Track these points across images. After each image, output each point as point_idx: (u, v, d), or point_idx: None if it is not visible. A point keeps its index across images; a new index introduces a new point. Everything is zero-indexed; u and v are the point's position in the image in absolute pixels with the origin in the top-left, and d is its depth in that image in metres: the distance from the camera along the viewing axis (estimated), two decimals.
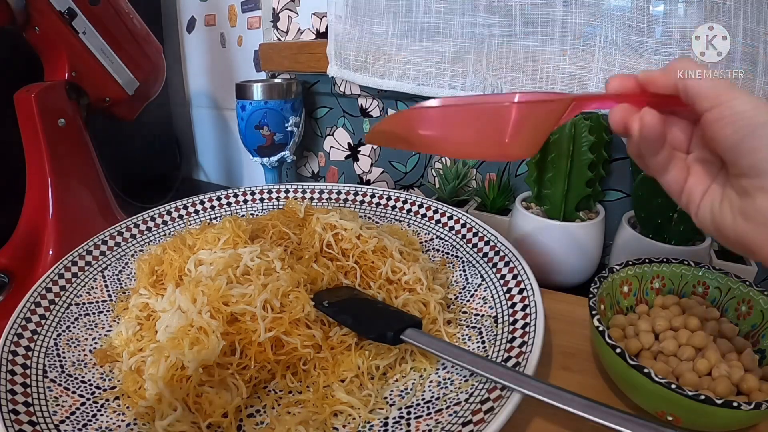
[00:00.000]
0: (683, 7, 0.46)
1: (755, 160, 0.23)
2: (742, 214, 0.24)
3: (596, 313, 0.33)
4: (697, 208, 0.27)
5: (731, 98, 0.24)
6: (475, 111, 0.28)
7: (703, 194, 0.27)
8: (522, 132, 0.26)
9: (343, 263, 0.43)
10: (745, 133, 0.23)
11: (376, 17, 0.65)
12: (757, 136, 0.22)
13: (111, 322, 0.43)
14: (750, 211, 0.23)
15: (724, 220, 0.25)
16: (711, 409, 0.27)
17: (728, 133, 0.24)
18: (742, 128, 0.23)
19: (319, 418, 0.32)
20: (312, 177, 0.89)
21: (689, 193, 0.28)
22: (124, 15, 0.61)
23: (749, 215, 0.24)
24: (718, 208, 0.26)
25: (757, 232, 0.23)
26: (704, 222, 0.27)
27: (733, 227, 0.25)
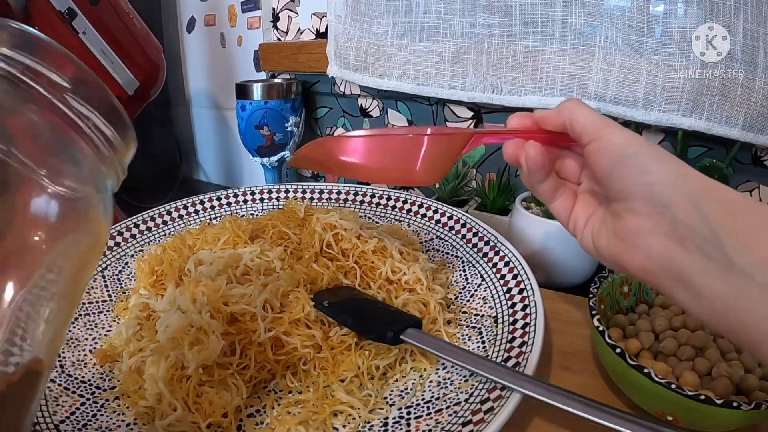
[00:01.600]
0: (683, 7, 0.46)
1: (623, 186, 0.26)
2: (615, 234, 0.27)
3: (596, 313, 0.33)
4: (582, 232, 0.30)
5: (608, 133, 0.27)
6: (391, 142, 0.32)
7: (587, 221, 0.30)
8: (430, 160, 0.30)
9: (343, 263, 0.43)
10: (616, 162, 0.26)
11: (376, 17, 0.65)
12: (625, 164, 0.26)
13: (111, 322, 0.43)
14: (620, 230, 0.27)
15: (601, 242, 0.28)
16: (711, 409, 0.27)
17: (603, 162, 0.27)
18: (614, 158, 0.26)
19: (319, 418, 0.32)
20: (312, 177, 0.89)
21: (575, 219, 0.31)
22: (124, 15, 0.61)
23: (620, 234, 0.27)
24: (597, 232, 0.29)
25: (624, 249, 0.27)
26: (587, 245, 0.30)
27: (607, 247, 0.28)
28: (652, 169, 0.25)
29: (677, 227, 0.24)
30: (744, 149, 0.50)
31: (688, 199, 0.24)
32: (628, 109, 0.51)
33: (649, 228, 0.25)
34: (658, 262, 0.25)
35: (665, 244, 0.24)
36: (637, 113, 0.50)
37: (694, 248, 0.23)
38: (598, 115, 0.28)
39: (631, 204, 0.26)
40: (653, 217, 0.25)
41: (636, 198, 0.25)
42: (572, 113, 0.29)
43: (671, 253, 0.24)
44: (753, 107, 0.46)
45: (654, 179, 0.25)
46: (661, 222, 0.24)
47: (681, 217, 0.24)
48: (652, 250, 0.25)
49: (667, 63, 0.48)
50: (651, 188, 0.25)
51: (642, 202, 0.25)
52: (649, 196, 0.25)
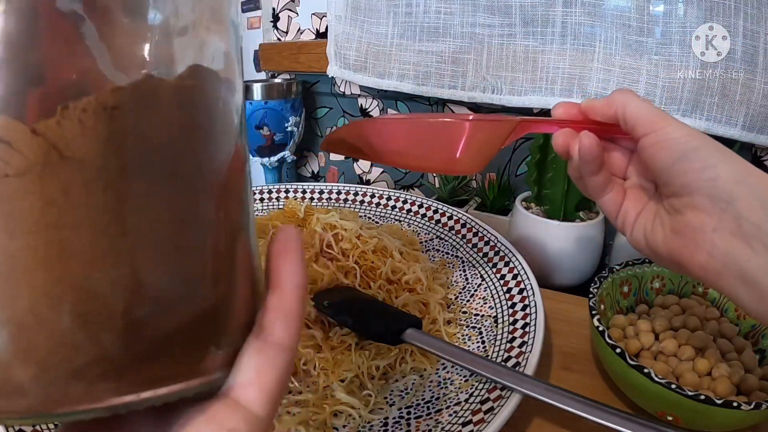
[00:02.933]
0: (683, 7, 0.46)
1: (686, 180, 0.25)
2: (673, 230, 0.27)
3: (596, 313, 0.33)
4: (632, 228, 0.30)
5: (666, 125, 0.26)
6: (431, 126, 0.29)
7: (637, 215, 0.29)
8: (472, 148, 0.28)
9: (343, 263, 0.43)
10: (678, 156, 0.26)
11: (376, 17, 0.65)
12: (687, 159, 0.25)
13: None
14: (680, 226, 0.26)
15: (656, 238, 0.28)
16: (711, 409, 0.27)
17: (663, 156, 0.26)
18: (675, 152, 0.26)
19: (319, 418, 0.32)
20: (312, 177, 0.89)
21: (624, 214, 0.30)
22: None
23: (679, 231, 0.26)
24: (650, 228, 0.28)
25: (685, 246, 0.26)
26: (638, 241, 0.29)
27: (664, 243, 0.27)
28: (715, 164, 0.24)
29: (742, 224, 0.23)
30: (744, 149, 0.50)
31: (754, 196, 0.23)
32: None
33: (713, 225, 0.24)
34: (722, 261, 0.24)
35: (729, 242, 0.24)
36: None
37: (760, 247, 0.23)
38: (652, 107, 0.27)
39: (692, 199, 0.25)
40: (716, 213, 0.24)
41: (699, 193, 0.25)
42: (625, 103, 0.28)
43: (736, 251, 0.23)
44: (753, 107, 0.46)
45: (717, 174, 0.24)
46: (724, 219, 0.24)
47: (746, 214, 0.23)
48: (716, 248, 0.24)
49: (667, 63, 0.48)
50: (715, 183, 0.24)
51: (705, 198, 0.25)
52: (712, 192, 0.24)
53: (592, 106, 0.30)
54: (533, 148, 0.52)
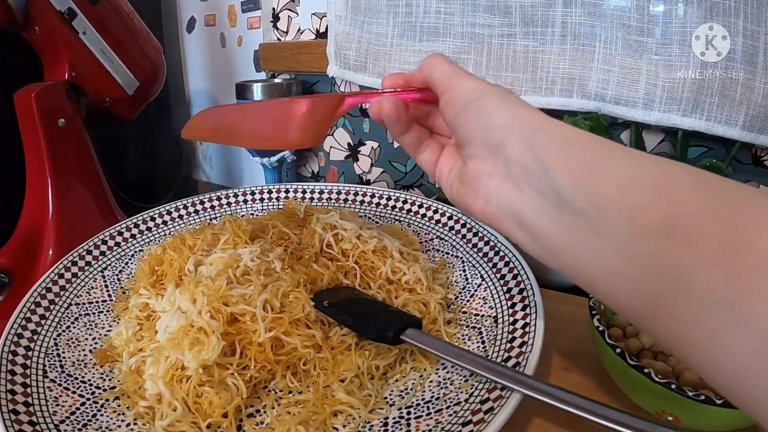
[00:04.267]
0: (683, 7, 0.46)
1: (465, 132, 0.27)
2: (460, 180, 0.29)
3: (596, 313, 0.33)
4: (444, 182, 0.31)
5: (457, 84, 0.28)
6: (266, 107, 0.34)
7: (449, 171, 0.31)
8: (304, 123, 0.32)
9: (343, 263, 0.43)
10: (459, 110, 0.27)
11: (376, 17, 0.65)
12: (467, 111, 0.27)
13: (111, 322, 0.43)
14: (464, 176, 0.28)
15: (454, 189, 0.30)
16: (711, 409, 0.27)
17: (449, 110, 0.28)
18: (458, 105, 0.27)
19: (319, 418, 0.32)
20: (312, 177, 0.89)
21: (440, 170, 0.32)
22: (124, 15, 0.61)
23: (463, 179, 0.28)
24: (453, 179, 0.30)
25: (468, 193, 0.28)
26: (447, 193, 0.31)
27: (457, 192, 0.29)
28: (490, 113, 0.26)
29: (511, 168, 0.24)
30: (744, 149, 0.50)
31: (522, 140, 0.24)
32: (628, 109, 0.51)
33: (486, 171, 0.26)
34: (496, 204, 0.26)
35: (500, 186, 0.25)
36: (637, 113, 0.50)
37: (527, 187, 0.24)
38: (453, 68, 0.29)
39: (471, 149, 0.27)
40: (489, 160, 0.26)
41: (475, 143, 0.26)
42: (431, 68, 0.29)
43: (506, 193, 0.25)
44: (753, 107, 0.46)
45: (490, 123, 0.25)
46: (496, 164, 0.25)
47: (514, 157, 0.24)
48: (490, 193, 0.26)
49: (667, 63, 0.48)
50: (486, 132, 0.25)
51: (480, 147, 0.26)
52: (485, 140, 0.26)
53: (412, 74, 0.32)
54: None
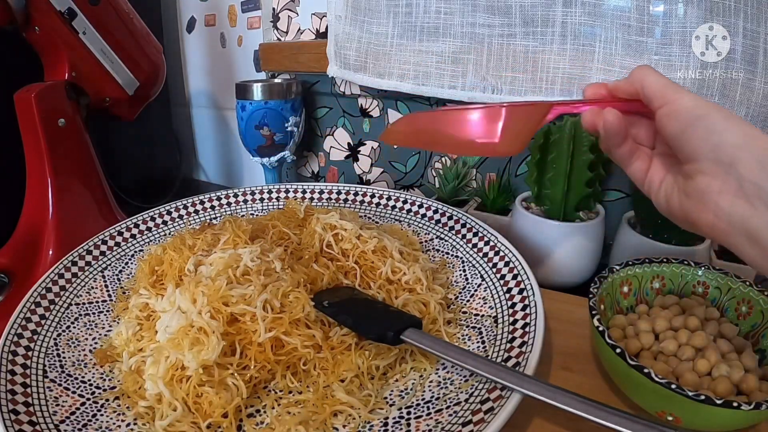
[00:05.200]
0: (683, 7, 0.46)
1: (692, 147, 0.27)
2: (685, 194, 0.29)
3: (596, 313, 0.33)
4: (656, 192, 0.32)
5: (677, 97, 0.28)
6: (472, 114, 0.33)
7: (661, 182, 0.32)
8: (510, 131, 0.31)
9: (343, 263, 0.43)
10: (686, 125, 0.27)
11: (376, 17, 0.65)
12: (693, 126, 0.27)
13: (111, 322, 0.43)
14: (690, 190, 0.28)
15: (673, 201, 0.30)
16: (711, 409, 0.27)
17: (673, 125, 0.28)
18: (683, 121, 0.28)
19: (319, 418, 0.32)
20: (312, 177, 0.89)
21: (650, 181, 0.32)
22: (124, 15, 0.61)
23: (690, 194, 0.28)
24: (670, 191, 0.30)
25: (695, 208, 0.28)
26: (660, 204, 0.32)
27: (679, 205, 0.30)
28: (719, 130, 0.26)
29: (743, 185, 0.25)
30: None
31: (754, 159, 0.25)
32: None
33: (717, 187, 0.26)
34: (727, 220, 0.26)
35: (732, 202, 0.26)
36: None
37: (761, 204, 0.24)
38: (667, 80, 0.29)
39: (699, 165, 0.27)
40: (720, 176, 0.26)
41: (704, 159, 0.27)
42: (643, 79, 0.30)
43: (739, 210, 0.25)
44: (753, 107, 0.46)
45: (721, 140, 0.26)
46: (728, 181, 0.26)
47: (747, 175, 0.25)
48: (720, 209, 0.26)
49: (667, 63, 0.48)
50: (718, 149, 0.26)
51: (709, 162, 0.26)
52: (716, 156, 0.26)
53: (616, 84, 0.32)
54: (533, 148, 0.52)
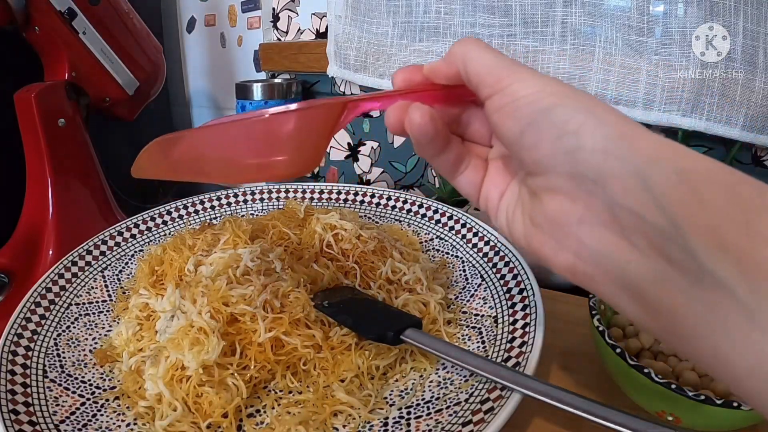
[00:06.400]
0: (683, 7, 0.46)
1: (538, 156, 0.19)
2: (531, 220, 0.21)
3: (596, 313, 0.33)
4: (496, 212, 0.24)
5: (513, 81, 0.20)
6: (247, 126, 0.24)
7: (501, 196, 0.23)
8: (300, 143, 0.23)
9: (343, 263, 0.43)
10: (525, 123, 0.19)
11: (376, 17, 0.65)
12: (537, 125, 0.19)
13: (111, 322, 0.43)
14: (538, 216, 0.20)
15: (515, 226, 0.22)
16: (711, 409, 0.27)
17: (508, 123, 0.20)
18: (523, 117, 0.19)
19: (319, 418, 0.32)
20: (312, 177, 0.89)
21: (486, 196, 0.24)
22: (124, 15, 0.61)
23: (537, 221, 0.20)
24: (512, 212, 0.22)
25: (545, 240, 0.20)
26: (503, 230, 0.23)
27: (523, 234, 0.21)
28: (575, 129, 0.18)
29: (618, 214, 0.17)
30: (744, 149, 0.50)
31: (631, 171, 0.16)
32: (628, 109, 0.51)
33: (578, 215, 0.18)
34: (594, 262, 0.18)
35: (601, 237, 0.18)
36: (637, 113, 0.50)
37: (645, 245, 0.16)
38: (499, 58, 0.20)
39: (549, 180, 0.19)
40: (582, 198, 0.18)
41: (555, 172, 0.18)
42: (465, 58, 0.21)
43: (611, 249, 0.17)
44: (753, 107, 0.46)
45: (579, 143, 0.17)
46: (592, 205, 0.18)
47: (622, 199, 0.17)
48: (583, 246, 0.18)
49: (667, 63, 0.48)
50: (575, 157, 0.18)
51: (564, 178, 0.18)
52: (573, 169, 0.18)
53: (435, 67, 0.23)
54: None
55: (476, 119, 0.25)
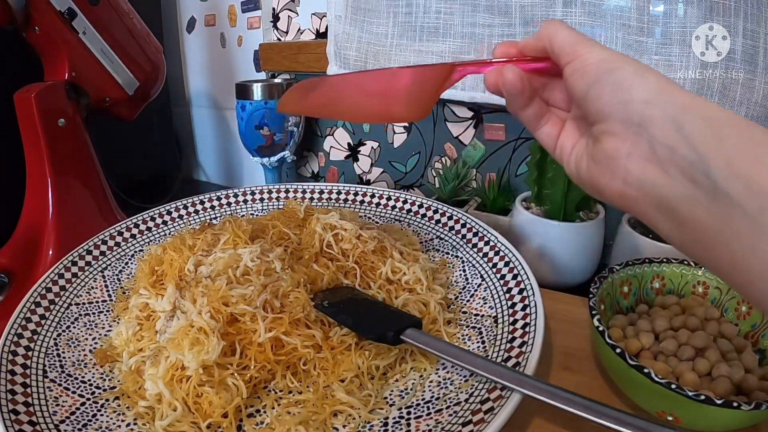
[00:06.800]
0: (683, 7, 0.46)
1: (599, 106, 0.25)
2: (593, 159, 0.26)
3: (596, 313, 0.33)
4: (567, 159, 0.29)
5: (585, 52, 0.25)
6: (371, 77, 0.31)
7: (572, 147, 0.29)
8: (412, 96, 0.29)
9: (343, 263, 0.43)
10: (591, 82, 0.25)
11: (376, 17, 0.65)
12: (601, 83, 0.24)
13: (111, 322, 0.43)
14: (597, 154, 0.26)
15: (582, 167, 0.28)
16: (711, 409, 0.27)
17: (579, 83, 0.26)
18: (590, 77, 0.25)
19: (319, 418, 0.32)
20: (312, 177, 0.89)
21: (561, 146, 0.30)
22: (124, 15, 0.61)
23: (597, 159, 0.26)
24: (580, 157, 0.28)
25: (602, 173, 0.25)
26: (571, 171, 0.29)
27: (587, 171, 0.27)
28: (628, 86, 0.23)
29: (656, 149, 0.22)
30: None
31: (668, 118, 0.22)
32: None
33: (626, 150, 0.24)
34: (638, 188, 0.23)
35: (644, 168, 0.23)
36: None
37: (676, 172, 0.22)
38: (578, 35, 0.26)
39: (607, 125, 0.24)
40: (629, 138, 0.23)
41: (611, 118, 0.24)
42: (551, 34, 0.27)
43: (651, 177, 0.23)
44: (753, 107, 0.46)
45: (630, 96, 0.23)
46: (638, 143, 0.23)
47: (660, 137, 0.22)
48: (630, 175, 0.24)
49: (667, 63, 0.48)
50: (626, 106, 0.23)
51: (617, 123, 0.24)
52: (624, 115, 0.23)
53: (527, 42, 0.29)
54: (533, 147, 0.52)
55: (556, 89, 0.31)
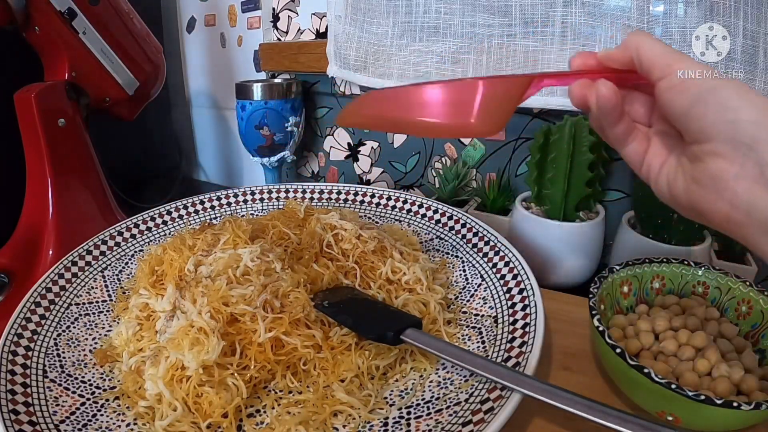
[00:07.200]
0: (683, 7, 0.46)
1: (703, 125, 0.24)
2: (693, 180, 0.25)
3: (596, 313, 0.33)
4: (656, 177, 0.28)
5: (681, 66, 0.25)
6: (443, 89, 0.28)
7: (662, 165, 0.28)
8: (487, 109, 0.27)
9: (343, 263, 0.43)
10: (693, 99, 0.24)
11: (376, 17, 0.65)
12: (704, 101, 0.23)
13: (111, 322, 0.43)
14: (700, 175, 0.25)
15: (678, 187, 0.27)
16: (711, 409, 0.27)
17: (678, 100, 0.25)
18: (691, 94, 0.24)
19: (319, 418, 0.32)
20: (312, 177, 0.89)
21: (648, 163, 0.29)
22: (124, 15, 0.61)
23: (699, 180, 0.25)
24: (673, 176, 0.27)
25: (706, 196, 0.24)
26: (662, 191, 0.28)
27: (685, 193, 0.26)
28: (734, 105, 0.23)
29: (766, 171, 0.22)
30: None
31: None
32: None
33: (734, 172, 0.23)
34: (745, 210, 0.23)
35: (752, 190, 0.22)
36: None
37: None
38: (666, 47, 0.26)
39: (712, 146, 0.23)
40: (738, 159, 0.23)
41: (718, 138, 0.23)
42: (639, 46, 0.26)
43: (759, 200, 0.22)
44: None
45: (738, 117, 0.23)
46: (746, 165, 0.22)
47: None
48: (738, 197, 0.23)
49: None
50: (735, 126, 0.23)
51: (724, 143, 0.23)
52: (732, 136, 0.23)
53: (607, 53, 0.28)
54: (533, 148, 0.52)
55: (637, 102, 0.29)
